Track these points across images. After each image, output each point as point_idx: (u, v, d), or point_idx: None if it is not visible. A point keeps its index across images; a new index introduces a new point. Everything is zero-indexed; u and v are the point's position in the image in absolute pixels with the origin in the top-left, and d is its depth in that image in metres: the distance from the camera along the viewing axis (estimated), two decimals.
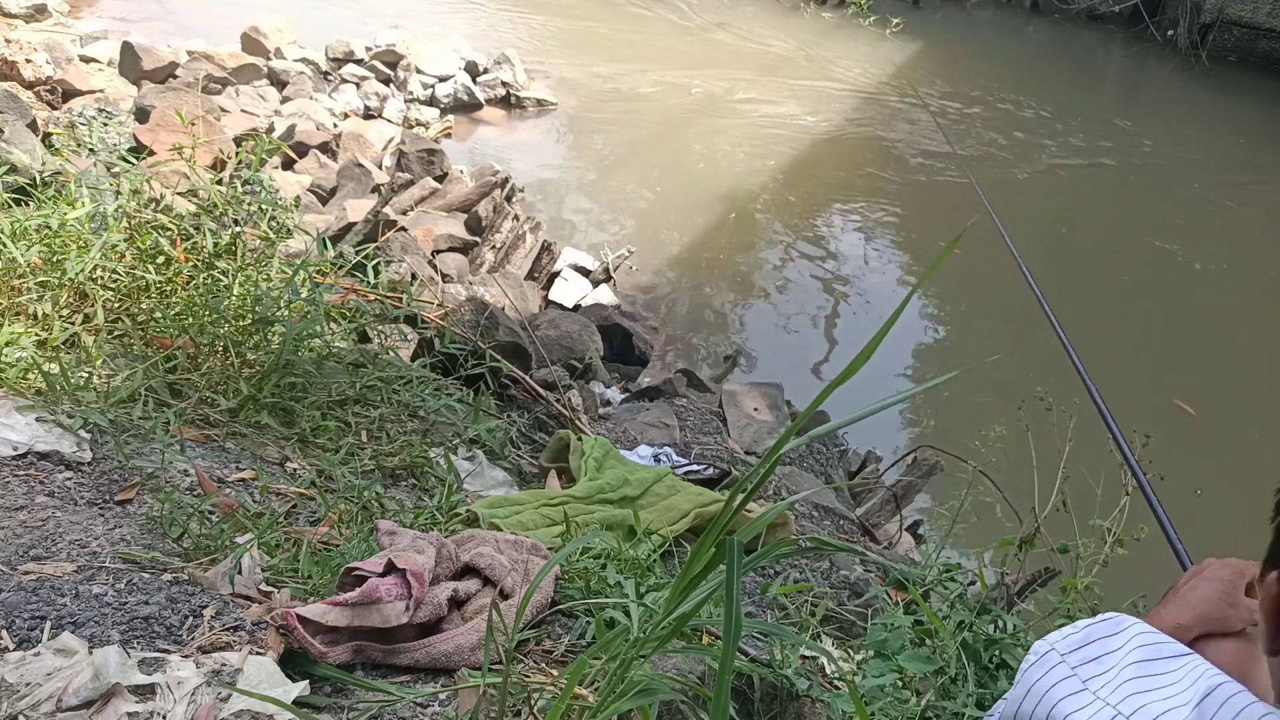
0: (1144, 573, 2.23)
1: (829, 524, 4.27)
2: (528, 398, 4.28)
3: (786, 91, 12.53)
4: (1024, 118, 12.49)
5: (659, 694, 1.52)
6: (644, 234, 8.90)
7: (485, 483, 3.40)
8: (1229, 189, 11.32)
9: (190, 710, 1.59)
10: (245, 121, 8.61)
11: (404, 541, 2.13)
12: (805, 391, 6.77)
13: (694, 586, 1.39)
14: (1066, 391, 3.13)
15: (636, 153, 10.53)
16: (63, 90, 8.41)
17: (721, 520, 1.34)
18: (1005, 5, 17.38)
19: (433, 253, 7.09)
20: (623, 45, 13.26)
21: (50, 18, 10.42)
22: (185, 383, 3.08)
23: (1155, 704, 0.72)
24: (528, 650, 1.98)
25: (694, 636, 2.02)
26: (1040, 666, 0.82)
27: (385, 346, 3.84)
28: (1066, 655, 0.81)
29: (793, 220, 9.71)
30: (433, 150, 8.41)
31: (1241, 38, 15.18)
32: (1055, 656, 0.82)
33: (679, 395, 5.69)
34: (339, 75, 10.47)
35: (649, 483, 3.35)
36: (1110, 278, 9.07)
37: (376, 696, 1.74)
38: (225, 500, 2.52)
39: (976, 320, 8.31)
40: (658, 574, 2.45)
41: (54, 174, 4.20)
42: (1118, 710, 0.73)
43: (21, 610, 1.80)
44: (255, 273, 3.51)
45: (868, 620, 2.61)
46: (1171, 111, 13.88)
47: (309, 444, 3.14)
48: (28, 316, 3.11)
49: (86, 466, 2.56)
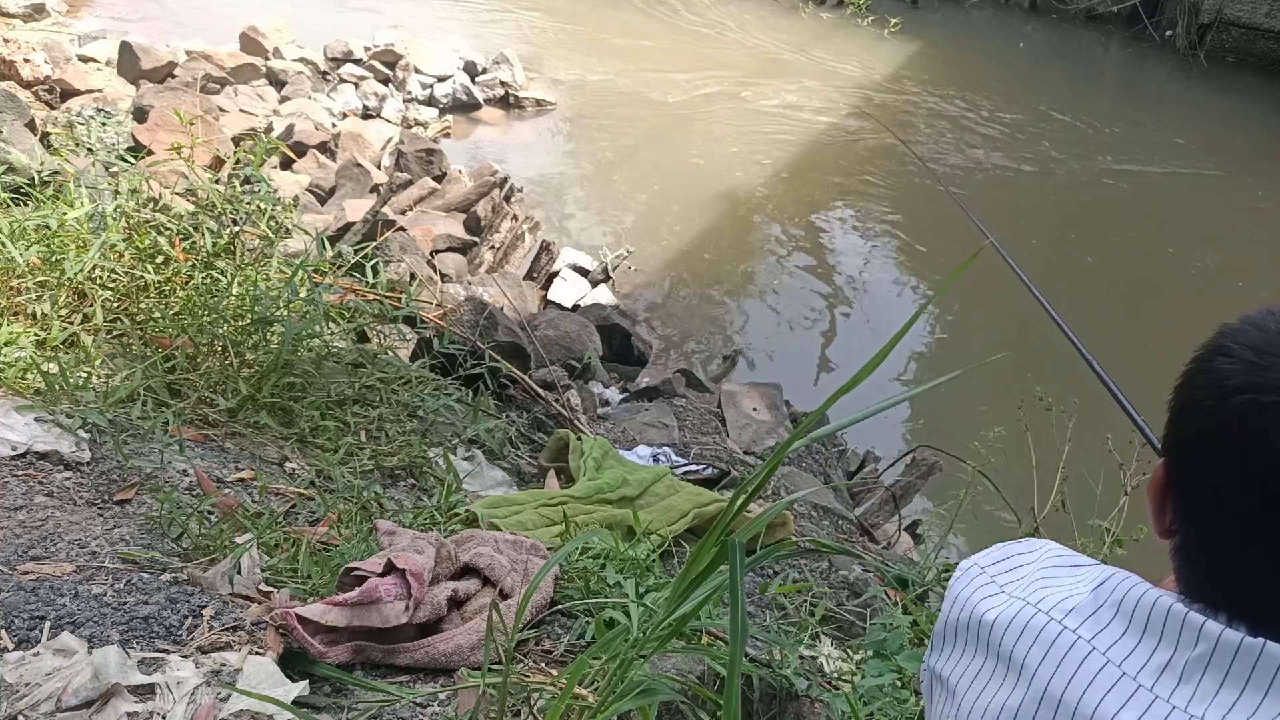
0: (1143, 573, 2.23)
1: (828, 524, 4.27)
2: (527, 398, 4.28)
3: (785, 91, 12.54)
4: (1022, 118, 12.50)
5: (659, 694, 1.52)
6: (643, 234, 8.90)
7: (484, 483, 3.40)
8: (1228, 189, 11.33)
9: (190, 710, 1.59)
10: (244, 121, 8.60)
11: (403, 541, 2.13)
12: (804, 391, 6.77)
13: (695, 587, 1.39)
14: (1066, 392, 3.13)
15: (635, 153, 10.53)
16: (61, 90, 8.40)
17: (723, 521, 1.34)
18: (1004, 5, 17.40)
19: (431, 253, 7.09)
20: (621, 45, 13.26)
21: (48, 17, 10.42)
22: (184, 382, 3.08)
23: (1058, 594, 0.81)
24: (527, 650, 1.98)
25: (693, 636, 2.02)
26: (963, 579, 0.92)
27: (384, 346, 3.84)
28: (986, 568, 0.91)
29: (791, 220, 9.72)
30: (431, 150, 8.41)
31: (1240, 38, 15.19)
32: (976, 569, 0.91)
33: (678, 395, 5.69)
34: (337, 75, 10.47)
35: (648, 483, 3.35)
36: (1109, 278, 9.07)
37: (376, 696, 1.74)
38: (224, 500, 2.52)
39: (974, 320, 8.31)
40: (657, 574, 2.45)
41: (52, 174, 4.19)
42: (1025, 601, 0.82)
43: (21, 610, 1.79)
44: (254, 272, 3.51)
45: (867, 620, 2.61)
46: (1170, 112, 13.89)
47: (308, 444, 3.14)
48: (26, 316, 3.11)
49: (85, 466, 2.56)
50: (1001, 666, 0.81)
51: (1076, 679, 0.75)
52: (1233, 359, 0.74)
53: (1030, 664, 0.78)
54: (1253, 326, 0.75)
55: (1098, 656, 0.75)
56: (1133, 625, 0.75)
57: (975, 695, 0.82)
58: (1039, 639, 0.78)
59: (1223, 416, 0.72)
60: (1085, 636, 0.76)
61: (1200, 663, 0.71)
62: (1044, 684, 0.76)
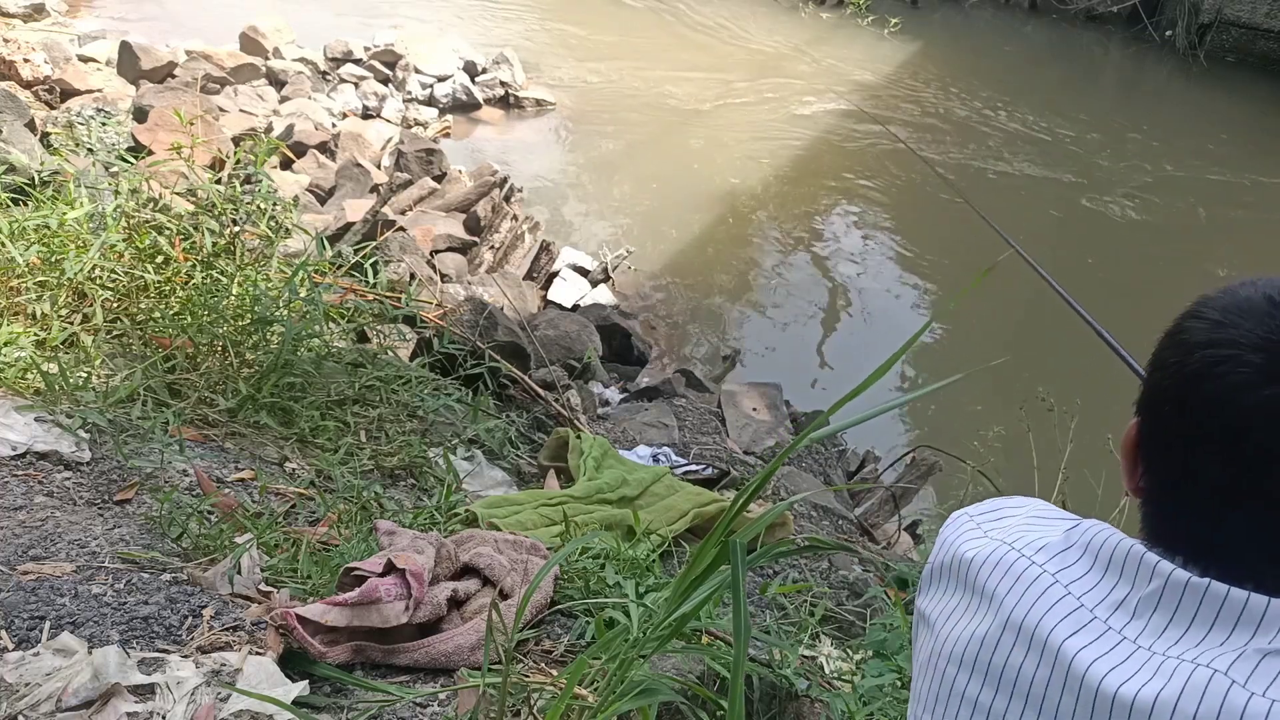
0: None
1: (827, 524, 4.27)
2: (526, 398, 4.28)
3: (785, 91, 12.54)
4: (1022, 118, 12.50)
5: (659, 694, 1.52)
6: (642, 234, 8.90)
7: (484, 483, 3.40)
8: (1227, 189, 11.33)
9: (190, 710, 1.59)
10: (244, 121, 8.60)
11: (403, 541, 2.13)
12: (804, 391, 6.77)
13: (695, 587, 1.39)
14: (1064, 391, 3.14)
15: (635, 153, 10.53)
16: (61, 90, 8.40)
17: (724, 522, 1.34)
18: (1004, 5, 17.40)
19: (431, 252, 7.09)
20: (621, 45, 13.26)
21: (48, 17, 10.42)
22: (184, 382, 3.08)
23: (1034, 537, 0.87)
24: (527, 650, 1.98)
25: (693, 637, 2.02)
26: (952, 525, 0.97)
27: (384, 346, 3.84)
28: (975, 516, 0.96)
29: (791, 220, 9.72)
30: (431, 150, 8.41)
31: (1239, 38, 15.20)
32: (965, 518, 0.97)
33: (677, 395, 5.69)
34: (337, 75, 10.47)
35: (648, 483, 3.35)
36: (1108, 278, 9.07)
37: (376, 696, 1.74)
38: (224, 500, 2.52)
39: (972, 319, 8.31)
40: (657, 574, 2.44)
41: (52, 174, 4.19)
42: (1002, 541, 0.88)
43: (21, 610, 1.79)
44: (254, 272, 3.51)
45: (867, 620, 2.61)
46: (1170, 112, 13.89)
47: (308, 444, 3.14)
48: (26, 316, 3.10)
49: (85, 466, 2.56)
50: (976, 598, 0.87)
51: (1037, 606, 0.80)
52: (1201, 319, 0.78)
53: (999, 594, 0.84)
54: (1224, 294, 0.79)
55: (1059, 588, 0.80)
56: (1096, 564, 0.80)
57: (951, 627, 0.88)
58: (1009, 572, 0.84)
59: (1186, 372, 0.76)
60: (1050, 571, 0.82)
61: (1152, 599, 0.75)
62: (1008, 611, 0.82)
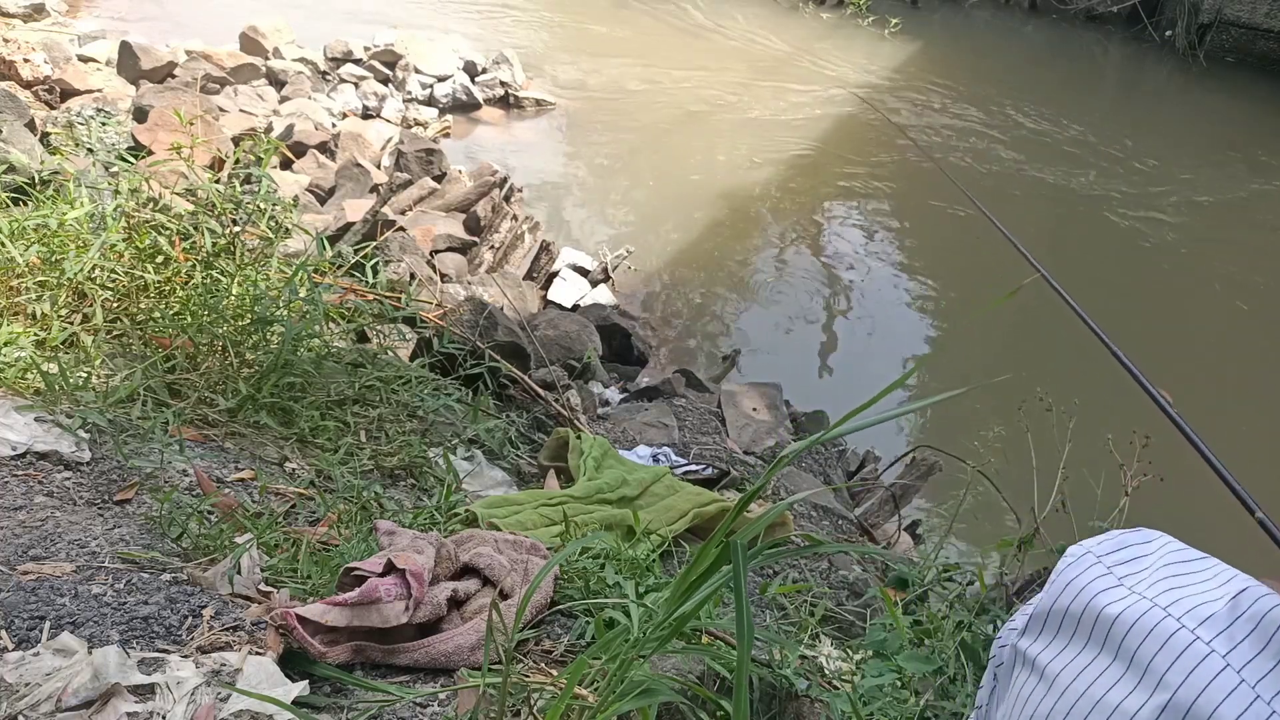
0: None
1: (827, 524, 4.27)
2: (526, 398, 4.28)
3: (785, 91, 12.54)
4: (1022, 118, 12.50)
5: (659, 694, 1.52)
6: (642, 234, 8.90)
7: (484, 483, 3.40)
8: (1227, 189, 11.33)
9: (190, 710, 1.58)
10: (244, 121, 8.60)
11: (403, 541, 2.13)
12: (804, 391, 6.76)
13: (696, 587, 1.39)
14: (1064, 391, 3.13)
15: (635, 153, 10.53)
16: (61, 90, 8.41)
17: (727, 522, 1.34)
18: (1004, 5, 17.41)
19: (431, 252, 7.09)
20: (621, 45, 13.26)
21: (48, 17, 10.42)
22: (184, 382, 3.08)
23: (1189, 599, 0.78)
24: (527, 650, 1.98)
25: (693, 637, 2.02)
26: (1077, 566, 0.87)
27: (384, 346, 3.84)
28: (1102, 557, 0.86)
29: (792, 220, 9.72)
30: (431, 150, 8.41)
31: (1239, 38, 15.20)
32: (1091, 558, 0.86)
33: (678, 395, 5.69)
34: (337, 75, 10.47)
35: (648, 483, 3.35)
36: (1108, 278, 9.07)
37: (376, 696, 1.74)
38: (224, 500, 2.52)
39: (970, 320, 8.31)
40: (657, 574, 2.45)
41: (52, 173, 4.19)
42: (1154, 602, 0.78)
43: (21, 610, 1.79)
44: (254, 272, 3.51)
45: (866, 620, 2.61)
46: (1169, 112, 13.89)
47: (308, 444, 3.14)
48: (26, 316, 3.10)
49: (85, 466, 2.56)
50: (1119, 665, 0.79)
51: (1208, 694, 0.72)
52: None
53: (1157, 669, 0.75)
54: None
55: (1231, 675, 0.72)
56: (1270, 646, 0.72)
57: (1083, 687, 0.80)
58: (1167, 645, 0.76)
59: None
60: (1220, 652, 0.74)
61: None
62: (1171, 691, 0.73)
